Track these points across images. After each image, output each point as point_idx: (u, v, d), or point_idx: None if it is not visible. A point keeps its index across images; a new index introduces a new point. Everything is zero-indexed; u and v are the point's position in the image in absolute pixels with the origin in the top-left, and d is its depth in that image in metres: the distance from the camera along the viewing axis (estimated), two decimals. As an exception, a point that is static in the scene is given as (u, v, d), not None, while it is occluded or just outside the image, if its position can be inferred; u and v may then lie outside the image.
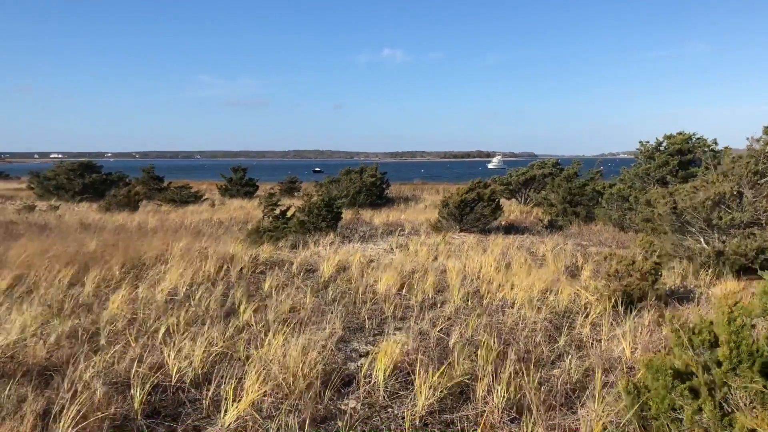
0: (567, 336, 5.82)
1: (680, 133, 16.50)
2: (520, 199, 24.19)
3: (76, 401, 3.86)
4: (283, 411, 3.96)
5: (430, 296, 7.51)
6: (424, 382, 4.25)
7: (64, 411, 3.76)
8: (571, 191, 16.85)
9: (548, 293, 7.54)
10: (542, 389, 4.40)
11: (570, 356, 5.18)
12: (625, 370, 4.90)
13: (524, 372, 4.52)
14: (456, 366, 4.69)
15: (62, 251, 9.06)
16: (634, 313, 6.59)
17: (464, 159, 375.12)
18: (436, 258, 10.33)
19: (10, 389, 4.10)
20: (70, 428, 3.65)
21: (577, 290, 7.44)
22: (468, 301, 7.26)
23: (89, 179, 25.88)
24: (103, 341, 5.36)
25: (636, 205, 13.72)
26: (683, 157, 16.02)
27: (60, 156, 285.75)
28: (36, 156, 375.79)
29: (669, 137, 16.59)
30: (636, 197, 13.93)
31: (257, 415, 3.91)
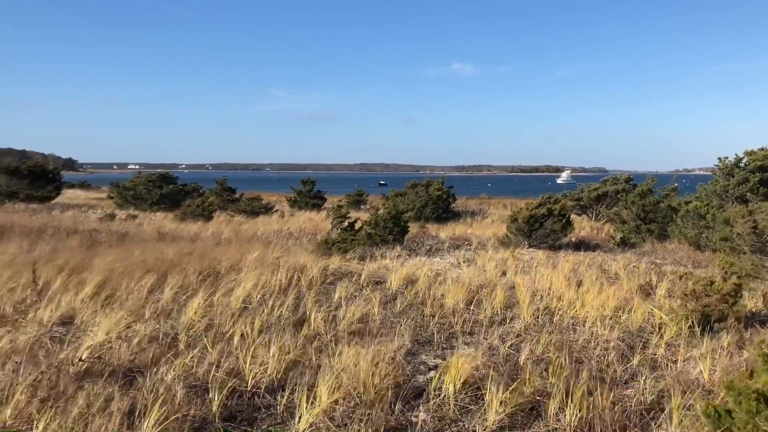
0: (641, 356, 5.68)
1: (762, 149, 15.84)
2: (591, 215, 23.69)
3: (159, 402, 4.04)
4: (355, 420, 4.03)
5: (499, 312, 7.47)
6: (495, 398, 4.25)
7: (148, 411, 3.95)
8: (645, 208, 16.39)
9: (621, 312, 7.37)
10: (616, 409, 4.32)
11: (644, 376, 5.06)
12: (703, 393, 4.76)
13: (597, 391, 4.45)
14: (527, 382, 4.65)
15: (142, 259, 9.47)
16: (711, 335, 6.37)
17: (532, 174, 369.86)
18: (504, 273, 10.25)
19: (98, 388, 4.33)
20: (153, 428, 3.82)
21: (651, 309, 7.25)
22: (538, 317, 7.18)
23: (166, 190, 26.88)
24: (182, 345, 5.58)
25: (713, 223, 13.24)
26: (765, 174, 15.35)
27: (137, 167, 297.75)
28: (115, 167, 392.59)
29: (750, 153, 15.94)
30: (713, 215, 13.44)
31: (330, 423, 3.99)
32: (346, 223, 13.66)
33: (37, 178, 28.99)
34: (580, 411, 4.15)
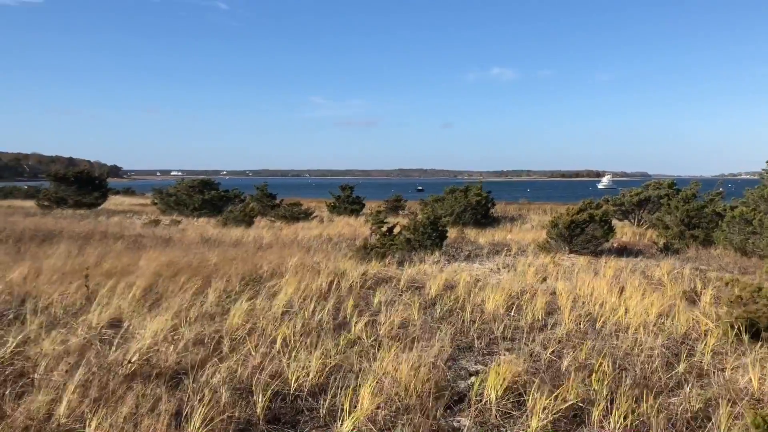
0: (686, 363, 5.58)
1: (813, 152, 15.36)
2: (633, 220, 23.28)
3: (204, 404, 4.13)
4: (398, 424, 4.06)
5: (540, 318, 7.41)
6: (538, 404, 4.23)
7: (194, 412, 4.05)
8: (689, 213, 16.07)
9: (665, 318, 7.25)
10: (661, 417, 4.26)
11: (690, 384, 4.97)
12: (752, 402, 4.65)
13: (642, 398, 4.39)
14: (570, 389, 4.62)
15: (186, 263, 9.67)
16: (760, 343, 6.22)
17: (572, 179, 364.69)
18: (544, 279, 10.16)
19: (147, 389, 4.45)
20: (199, 429, 3.91)
21: (697, 316, 7.11)
22: (580, 323, 7.10)
23: (208, 196, 27.36)
24: (226, 348, 5.69)
25: (761, 229, 12.92)
26: (816, 178, 14.90)
27: (179, 173, 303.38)
28: (158, 173, 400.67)
29: (800, 156, 15.47)
30: (761, 221, 13.11)
31: (372, 427, 4.03)
32: (384, 229, 13.70)
33: (84, 184, 29.81)
34: (624, 418, 4.10)
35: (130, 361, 4.96)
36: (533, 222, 24.31)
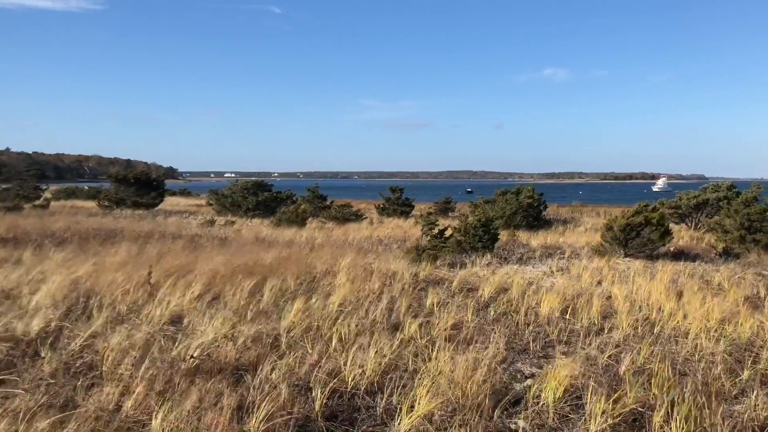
0: (751, 370, 5.43)
1: None
2: (690, 224, 22.68)
3: (265, 399, 4.23)
4: (454, 424, 4.08)
5: (596, 322, 7.31)
6: (596, 407, 4.19)
7: (255, 407, 4.15)
8: (750, 217, 15.54)
9: (726, 324, 7.05)
10: (725, 424, 4.16)
11: (755, 392, 4.84)
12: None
13: (704, 405, 4.30)
14: (629, 393, 4.56)
15: (242, 263, 9.88)
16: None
17: (626, 181, 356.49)
18: (600, 283, 10.01)
19: (209, 384, 4.58)
20: (261, 424, 4.01)
21: (761, 322, 6.90)
22: (637, 328, 6.98)
23: (261, 197, 27.84)
24: (283, 346, 5.80)
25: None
26: None
27: (233, 175, 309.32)
28: (212, 175, 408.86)
29: None
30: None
31: (429, 426, 4.06)
32: (435, 230, 13.70)
33: (142, 185, 30.72)
34: (686, 424, 4.02)
35: (192, 357, 5.12)
36: (586, 225, 23.92)
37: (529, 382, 5.08)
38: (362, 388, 4.81)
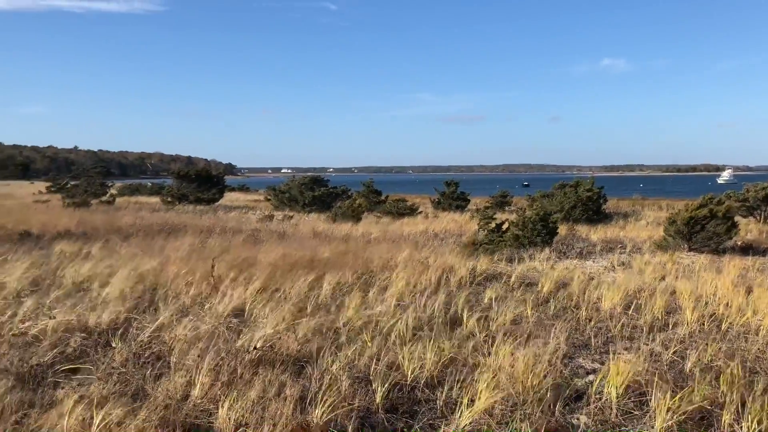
0: (827, 370, 5.21)
1: None
2: (758, 217, 21.82)
3: (326, 391, 4.31)
4: (515, 419, 4.07)
5: (660, 317, 7.13)
6: (661, 404, 4.10)
7: (317, 398, 4.22)
8: (825, 209, 14.86)
9: (800, 321, 6.77)
10: (801, 425, 4.01)
11: (833, 393, 4.64)
12: None
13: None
14: (696, 390, 4.44)
15: (300, 257, 10.03)
16: None
17: (689, 173, 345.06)
18: (663, 278, 9.76)
19: (272, 375, 4.69)
20: (323, 414, 4.08)
21: (839, 320, 6.60)
22: (704, 324, 6.78)
23: (317, 192, 28.19)
24: (342, 339, 5.87)
25: None
26: None
27: (289, 171, 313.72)
28: (269, 171, 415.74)
29: None
30: None
31: (490, 420, 4.06)
32: (492, 225, 13.61)
33: (203, 182, 31.51)
34: (759, 424, 3.90)
35: (255, 348, 5.24)
36: (648, 218, 23.31)
37: (590, 377, 5.01)
38: (422, 382, 4.83)
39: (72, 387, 4.58)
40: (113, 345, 5.46)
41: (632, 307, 7.50)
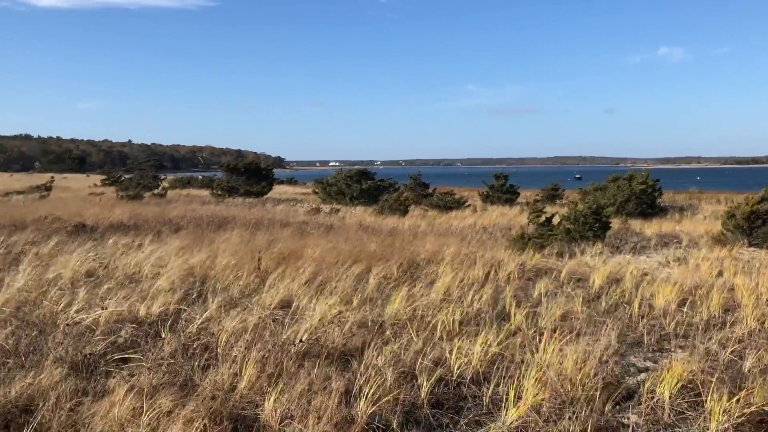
0: None
1: None
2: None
3: (371, 385, 4.28)
4: (564, 417, 3.97)
5: (717, 315, 6.88)
6: (717, 406, 3.94)
7: (362, 392, 4.21)
8: None
9: None
10: None
11: None
12: None
13: None
14: (755, 392, 4.25)
15: (347, 250, 10.05)
16: None
17: (749, 165, 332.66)
18: (720, 274, 9.42)
19: (317, 368, 4.70)
20: (368, 408, 4.06)
21: None
22: (765, 323, 6.51)
23: (365, 185, 28.28)
24: (388, 333, 5.85)
25: None
26: None
27: (337, 164, 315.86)
28: (317, 164, 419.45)
29: None
30: None
31: (537, 417, 3.97)
32: (542, 218, 13.37)
33: (252, 175, 31.99)
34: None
35: (301, 341, 5.26)
36: (705, 212, 22.62)
37: (642, 376, 4.87)
38: (468, 378, 4.77)
39: (123, 377, 4.68)
40: (163, 336, 5.56)
41: (687, 304, 7.27)
